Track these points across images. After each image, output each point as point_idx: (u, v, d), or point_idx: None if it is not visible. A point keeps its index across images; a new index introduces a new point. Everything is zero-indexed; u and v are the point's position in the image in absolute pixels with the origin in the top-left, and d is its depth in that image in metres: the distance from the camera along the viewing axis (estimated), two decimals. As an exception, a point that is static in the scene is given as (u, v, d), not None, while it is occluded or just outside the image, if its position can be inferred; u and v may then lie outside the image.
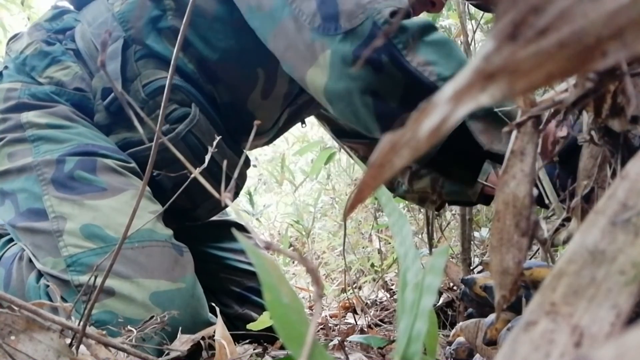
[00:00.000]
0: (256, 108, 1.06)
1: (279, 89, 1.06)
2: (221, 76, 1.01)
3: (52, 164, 0.87)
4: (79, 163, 0.87)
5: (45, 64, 0.97)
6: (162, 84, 0.95)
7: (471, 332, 0.64)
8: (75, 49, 1.00)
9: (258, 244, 0.25)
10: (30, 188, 0.87)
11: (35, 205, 0.86)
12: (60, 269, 0.81)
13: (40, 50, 0.98)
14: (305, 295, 1.70)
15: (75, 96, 0.96)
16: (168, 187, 0.96)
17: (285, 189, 2.89)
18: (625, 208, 0.22)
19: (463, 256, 1.18)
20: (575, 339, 0.19)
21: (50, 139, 0.90)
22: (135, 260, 0.80)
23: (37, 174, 0.87)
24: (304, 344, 0.21)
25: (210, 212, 1.11)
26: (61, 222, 0.83)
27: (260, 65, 1.01)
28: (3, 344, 0.41)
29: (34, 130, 0.91)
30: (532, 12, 0.16)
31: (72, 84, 0.96)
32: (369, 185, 0.20)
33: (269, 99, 1.06)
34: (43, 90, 0.94)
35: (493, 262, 0.32)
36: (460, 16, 1.16)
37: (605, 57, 0.16)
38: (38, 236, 0.84)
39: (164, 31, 0.97)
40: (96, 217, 0.83)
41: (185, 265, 0.86)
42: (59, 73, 0.96)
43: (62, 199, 0.85)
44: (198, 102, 0.97)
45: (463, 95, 0.17)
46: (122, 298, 0.77)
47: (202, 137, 0.97)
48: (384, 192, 0.39)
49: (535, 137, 0.33)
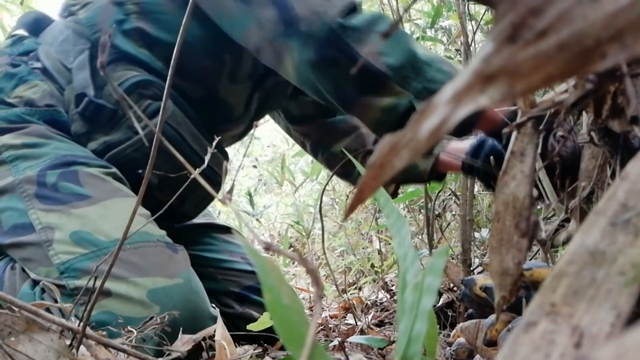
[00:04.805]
0: (228, 94, 1.10)
1: (244, 69, 1.10)
2: (190, 68, 1.03)
3: (34, 180, 0.87)
4: (62, 176, 0.88)
5: (12, 84, 0.98)
6: (132, 82, 0.96)
7: (471, 333, 0.64)
8: (41, 67, 1.01)
9: (246, 242, 0.25)
10: (14, 205, 0.86)
11: (20, 220, 0.85)
12: (54, 277, 0.80)
13: (6, 72, 0.99)
14: (306, 295, 1.70)
15: (47, 113, 0.97)
16: (154, 183, 0.96)
17: (286, 190, 2.89)
18: (625, 209, 0.22)
19: (463, 257, 1.18)
20: (576, 339, 0.19)
21: (27, 156, 0.90)
22: (129, 261, 0.80)
23: (19, 192, 0.87)
24: (304, 344, 0.21)
25: (197, 207, 1.12)
26: (49, 232, 0.83)
27: (226, 51, 1.05)
28: (3, 345, 0.41)
29: (11, 152, 0.91)
30: (532, 14, 0.16)
31: (43, 101, 0.97)
32: (369, 186, 0.20)
33: (237, 82, 1.11)
34: (14, 112, 0.95)
35: (493, 263, 0.32)
36: (460, 17, 1.16)
37: (605, 59, 0.16)
38: (26, 249, 0.84)
39: (129, 32, 1.00)
40: (84, 224, 0.83)
41: (181, 262, 0.85)
42: (28, 92, 0.97)
43: (48, 211, 0.85)
44: (172, 96, 1.00)
45: (463, 97, 0.17)
46: (119, 297, 0.77)
47: (178, 128, 0.98)
48: (382, 193, 0.39)
49: (535, 138, 0.33)
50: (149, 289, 0.79)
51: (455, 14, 1.36)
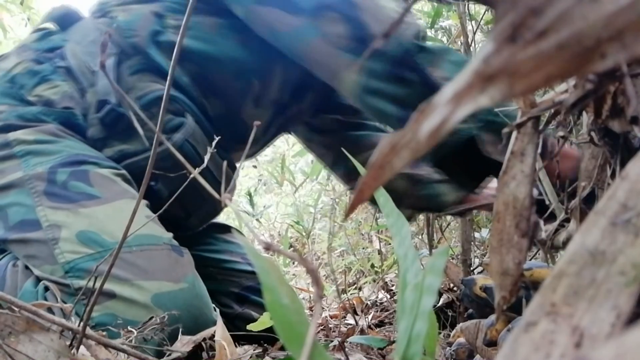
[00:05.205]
0: (249, 117, 1.10)
1: (269, 96, 1.10)
2: (216, 88, 1.04)
3: (44, 177, 0.87)
4: (72, 174, 0.87)
5: (34, 82, 0.97)
6: (157, 95, 0.96)
7: (471, 333, 0.64)
8: (66, 66, 1.00)
9: (247, 243, 0.25)
10: (22, 201, 0.86)
11: (27, 216, 0.85)
12: (58, 275, 0.80)
13: (29, 69, 0.98)
14: (306, 295, 1.70)
15: (63, 114, 0.96)
16: (164, 195, 0.97)
17: (286, 190, 2.89)
18: (626, 209, 0.22)
19: (463, 257, 1.18)
20: (576, 339, 0.19)
21: (39, 152, 0.90)
22: (134, 264, 0.80)
23: (28, 188, 0.86)
24: (304, 344, 0.21)
25: (201, 222, 1.13)
26: (56, 231, 0.82)
27: (256, 76, 1.05)
28: (3, 345, 0.41)
29: (23, 146, 0.91)
30: (532, 14, 0.16)
31: (61, 103, 0.97)
32: (369, 186, 0.20)
33: (260, 106, 1.10)
34: (30, 111, 0.95)
35: (493, 263, 0.32)
36: (461, 17, 1.16)
37: (605, 59, 0.16)
38: (32, 246, 0.84)
39: (163, 44, 1.00)
40: (91, 224, 0.83)
41: (186, 266, 0.85)
42: (48, 92, 0.97)
43: (56, 208, 0.84)
44: (192, 113, 1.00)
45: (463, 97, 0.17)
46: (123, 300, 0.77)
47: (197, 146, 0.98)
48: (382, 193, 0.39)
49: (535, 138, 0.33)
50: (154, 293, 0.78)
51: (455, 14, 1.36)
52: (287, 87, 1.12)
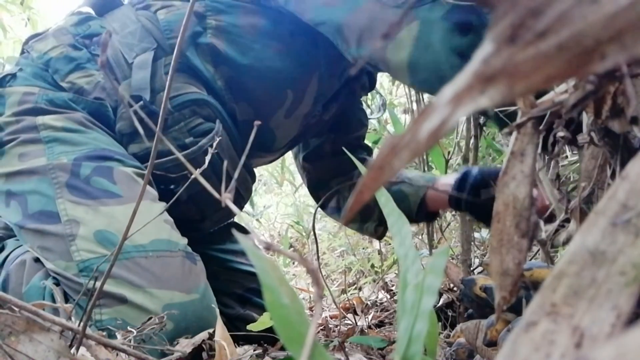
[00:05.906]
0: (277, 126, 1.09)
1: (302, 109, 1.10)
2: (249, 95, 1.03)
3: (68, 169, 0.86)
4: (96, 170, 0.86)
5: (69, 68, 0.96)
6: (190, 98, 0.95)
7: (471, 333, 0.64)
8: None
9: (257, 244, 0.25)
10: (43, 190, 0.85)
11: (47, 207, 0.84)
12: (72, 273, 0.80)
13: (66, 54, 0.97)
14: (306, 296, 1.70)
15: (93, 104, 0.95)
16: (183, 198, 0.96)
17: (286, 190, 2.89)
18: (626, 209, 0.22)
19: (463, 257, 1.18)
20: (576, 339, 0.19)
21: (65, 141, 0.89)
22: (149, 270, 0.79)
23: (51, 177, 0.85)
24: (304, 344, 0.21)
25: (215, 224, 1.13)
26: (74, 226, 0.81)
27: (291, 87, 1.05)
28: (3, 345, 0.41)
29: (50, 132, 0.89)
30: (531, 14, 0.16)
31: (93, 93, 0.95)
32: (369, 187, 0.20)
33: (291, 118, 1.10)
34: (61, 97, 0.93)
35: (493, 263, 0.32)
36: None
37: (604, 60, 0.16)
38: (48, 239, 0.83)
39: (202, 46, 0.99)
40: (110, 224, 0.82)
41: (199, 274, 0.85)
42: (82, 80, 0.96)
43: (76, 203, 0.83)
44: (222, 119, 0.99)
45: (462, 98, 0.17)
46: (135, 307, 0.76)
47: (221, 153, 0.98)
48: (383, 193, 0.39)
49: (535, 138, 0.33)
50: (166, 303, 0.78)
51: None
52: (319, 101, 1.12)
